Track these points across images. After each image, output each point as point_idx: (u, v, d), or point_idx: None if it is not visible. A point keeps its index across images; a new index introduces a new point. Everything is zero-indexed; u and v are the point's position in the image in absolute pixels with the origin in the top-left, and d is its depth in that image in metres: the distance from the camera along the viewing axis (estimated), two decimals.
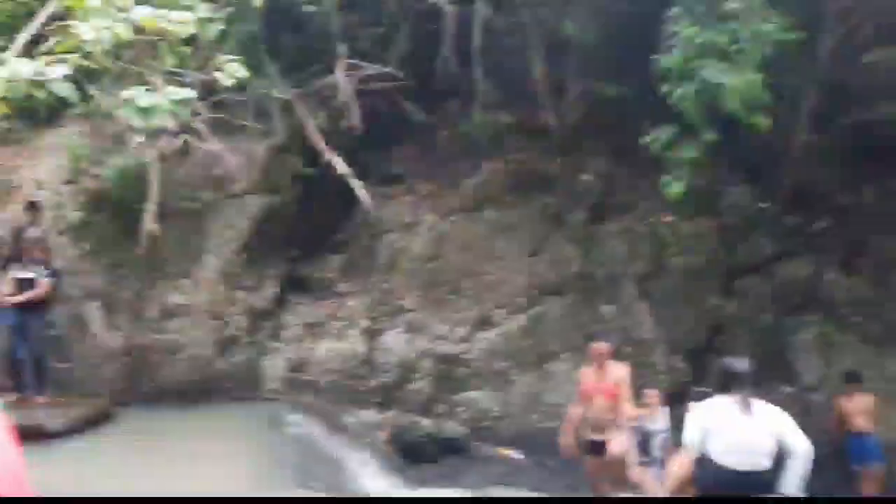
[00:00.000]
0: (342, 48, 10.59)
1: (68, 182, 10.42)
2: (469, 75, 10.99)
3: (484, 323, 10.16)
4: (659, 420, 8.32)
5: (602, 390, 7.67)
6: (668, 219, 11.04)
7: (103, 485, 6.76)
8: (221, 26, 7.94)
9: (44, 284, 8.58)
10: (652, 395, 8.43)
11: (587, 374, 7.86)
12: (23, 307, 8.56)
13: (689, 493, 5.91)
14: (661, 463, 7.81)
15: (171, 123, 9.07)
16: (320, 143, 10.34)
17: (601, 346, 7.81)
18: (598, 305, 10.41)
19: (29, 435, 6.08)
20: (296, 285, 10.61)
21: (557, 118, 11.09)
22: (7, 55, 7.23)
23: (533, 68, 10.87)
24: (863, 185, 11.27)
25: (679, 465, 5.83)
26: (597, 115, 11.09)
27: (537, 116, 11.24)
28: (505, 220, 10.71)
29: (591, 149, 11.44)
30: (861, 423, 9.75)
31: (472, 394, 9.81)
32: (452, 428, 9.25)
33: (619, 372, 7.76)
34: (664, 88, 8.79)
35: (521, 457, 9.35)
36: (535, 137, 11.37)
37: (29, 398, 8.51)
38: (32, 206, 9.44)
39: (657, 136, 9.37)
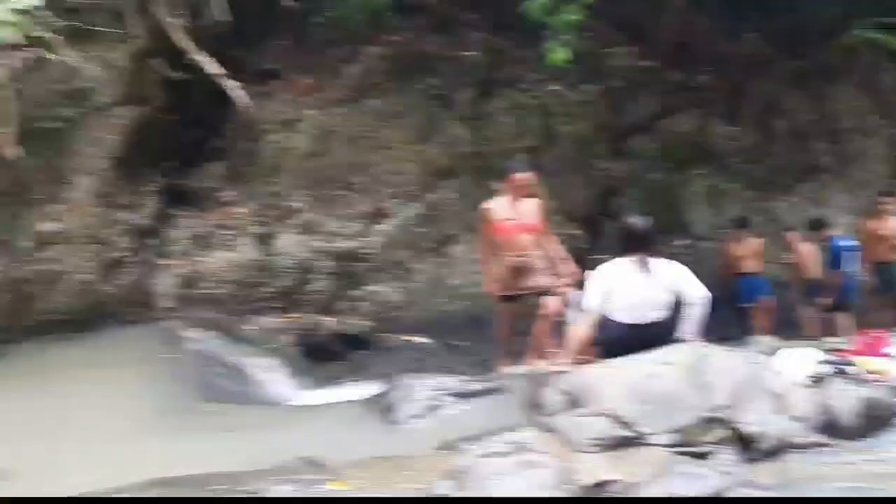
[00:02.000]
0: None
1: None
2: None
3: (378, 215, 10.00)
4: None
5: (525, 226, 7.12)
6: (555, 88, 10.95)
7: None
8: None
9: None
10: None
11: (500, 210, 7.18)
12: None
13: (590, 354, 6.13)
14: None
15: (16, 37, 8.40)
16: (185, 43, 9.68)
17: (524, 177, 7.20)
18: (492, 184, 10.33)
19: None
20: (177, 198, 10.14)
21: None
22: None
23: None
24: (742, 33, 11.35)
25: (580, 328, 6.01)
26: None
27: None
28: (390, 107, 10.41)
29: (471, 23, 11.12)
30: (751, 264, 10.25)
31: (374, 287, 9.74)
32: (357, 323, 9.20)
33: (536, 205, 7.16)
34: None
35: (429, 341, 9.40)
36: (413, 16, 10.97)
37: None
38: None
39: (536, 1, 9.15)
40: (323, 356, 8.77)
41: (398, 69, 10.58)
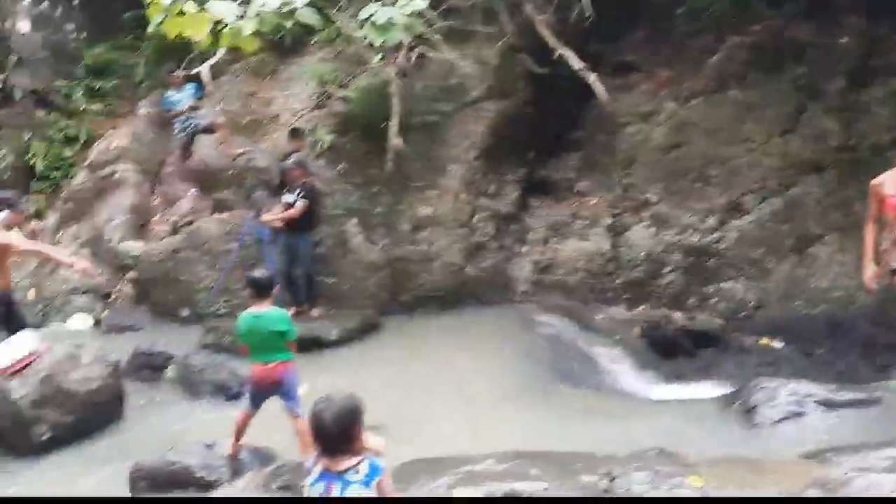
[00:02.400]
0: None
1: (318, 107, 11.11)
2: None
3: (735, 210, 9.66)
4: None
5: None
6: None
7: (375, 386, 7.39)
8: None
9: (297, 207, 9.23)
10: None
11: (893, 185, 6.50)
12: (289, 229, 9.36)
13: None
14: None
15: (406, 37, 9.36)
16: (551, 39, 10.10)
17: None
18: (864, 180, 9.51)
19: (307, 345, 6.80)
20: (536, 188, 10.66)
21: None
22: None
23: None
24: None
25: None
26: None
27: None
28: (752, 98, 9.97)
29: (845, 7, 10.28)
30: None
31: (726, 284, 9.44)
32: (707, 320, 9.00)
33: None
34: None
35: (782, 345, 8.93)
36: (781, 2, 10.40)
37: (304, 312, 9.41)
38: (295, 133, 10.19)
39: None
40: (670, 351, 8.68)
41: (763, 59, 10.11)
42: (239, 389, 7.56)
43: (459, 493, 4.92)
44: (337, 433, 3.21)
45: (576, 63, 9.90)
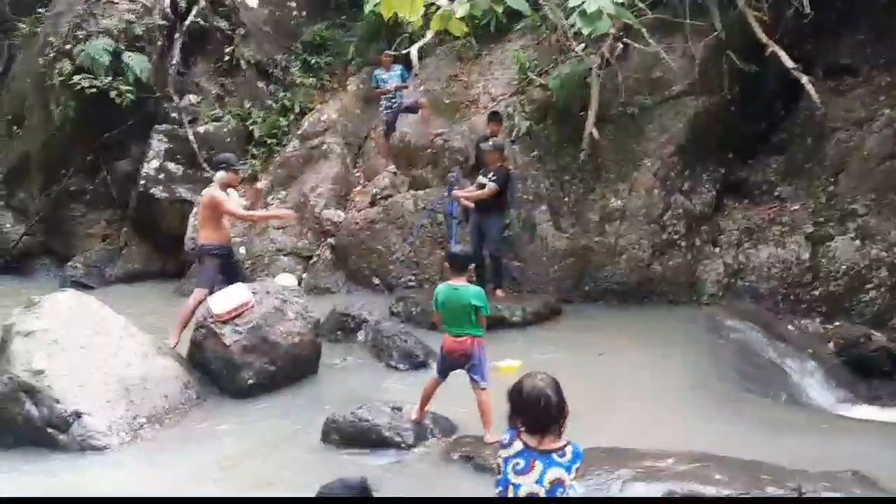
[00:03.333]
0: None
1: (517, 93, 11.29)
2: None
3: None
4: None
5: None
6: None
7: (551, 365, 7.50)
8: None
9: (488, 188, 9.44)
10: None
11: None
12: (481, 210, 9.62)
13: None
14: None
15: (613, 27, 9.34)
16: (762, 35, 9.75)
17: None
18: None
19: (491, 324, 7.01)
20: (733, 189, 10.34)
21: None
22: None
23: None
24: None
25: None
26: None
27: None
28: None
29: None
30: None
31: None
32: None
33: None
34: None
35: None
36: None
37: (489, 291, 9.66)
38: (494, 117, 10.45)
39: None
40: (867, 371, 8.24)
41: None
42: (424, 358, 7.94)
43: (639, 488, 4.99)
44: (553, 412, 3.32)
45: (788, 62, 9.52)
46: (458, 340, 6.00)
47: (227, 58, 13.08)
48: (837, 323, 8.97)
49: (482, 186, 9.51)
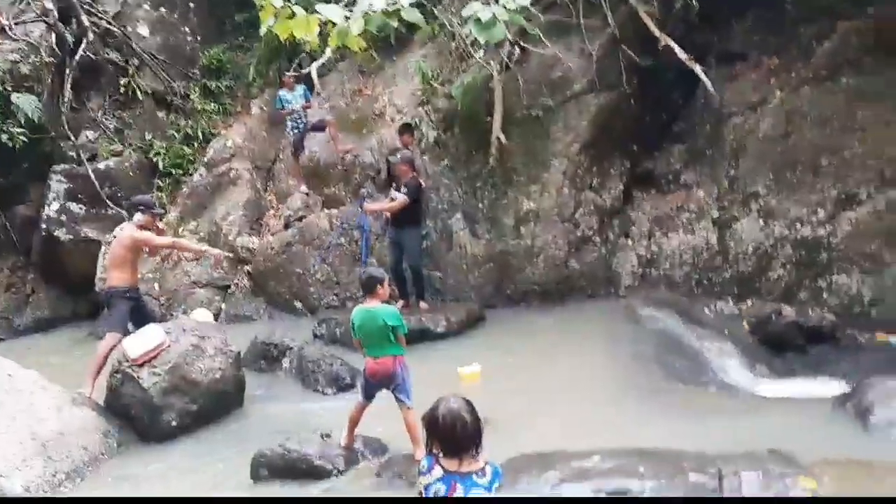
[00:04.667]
0: None
1: (422, 103, 11.31)
2: None
3: (848, 201, 9.34)
4: None
5: None
6: None
7: (481, 380, 7.57)
8: None
9: (398, 200, 9.44)
10: None
11: None
12: (397, 224, 9.61)
13: None
14: None
15: (509, 33, 9.43)
16: (655, 30, 10.00)
17: None
18: None
19: (415, 337, 7.01)
20: (640, 180, 10.58)
21: None
22: None
23: None
24: None
25: None
26: None
27: None
28: (866, 86, 9.58)
29: None
30: None
31: (839, 278, 9.17)
32: (819, 315, 8.76)
33: None
34: None
35: None
36: None
37: (411, 305, 9.66)
38: (405, 129, 10.44)
39: None
40: (780, 347, 8.50)
41: (878, 45, 9.72)
42: (351, 381, 7.87)
43: (568, 489, 5.04)
44: (469, 433, 3.31)
45: (681, 54, 9.79)
46: (380, 362, 5.97)
47: (122, 90, 12.72)
48: (750, 302, 9.27)
49: (395, 200, 9.51)
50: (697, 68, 9.64)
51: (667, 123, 11.05)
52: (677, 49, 9.72)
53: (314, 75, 11.30)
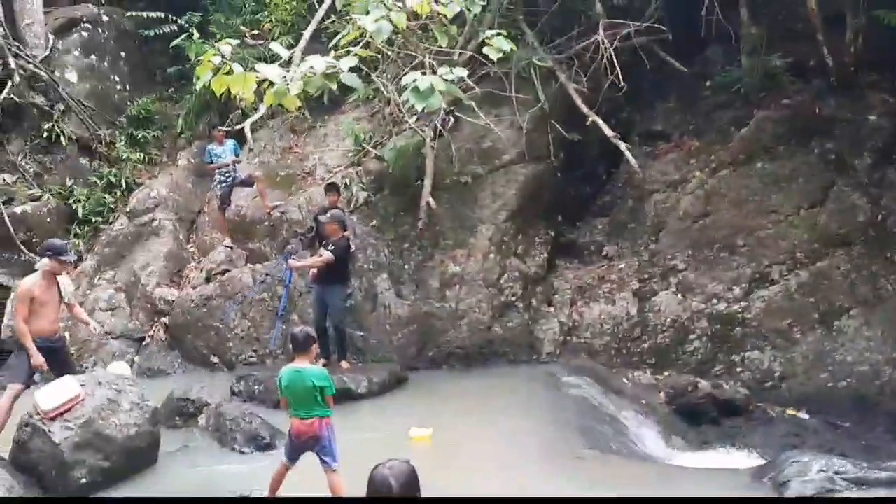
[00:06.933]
0: (599, 7, 10.54)
1: (353, 164, 11.38)
2: (733, 19, 10.48)
3: (762, 280, 9.75)
4: None
5: None
6: None
7: (397, 437, 7.47)
8: (483, 2, 8.07)
9: (323, 257, 9.38)
10: None
11: None
12: (322, 282, 9.55)
13: None
14: None
15: (444, 102, 9.62)
16: (583, 107, 10.39)
17: None
18: (892, 256, 9.63)
19: (340, 397, 6.88)
20: (564, 250, 10.84)
21: (833, 55, 10.27)
22: (297, 52, 8.03)
23: (802, 3, 10.13)
24: None
25: None
26: (879, 47, 10.17)
27: (809, 56, 10.52)
28: (780, 171, 10.15)
29: (873, 86, 10.51)
30: None
31: (752, 353, 9.49)
32: (733, 388, 9.04)
33: None
34: None
35: (808, 417, 8.97)
36: (809, 79, 10.65)
37: (333, 363, 9.53)
38: (331, 188, 10.45)
39: None
40: (695, 418, 8.75)
41: (790, 132, 10.30)
42: (270, 440, 7.68)
43: None
44: (396, 499, 3.26)
45: (607, 131, 10.18)
46: (307, 423, 5.87)
47: (45, 134, 12.40)
48: (667, 373, 9.50)
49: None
50: (622, 145, 10.04)
51: (591, 196, 11.41)
52: (603, 126, 10.12)
53: (248, 131, 11.27)
